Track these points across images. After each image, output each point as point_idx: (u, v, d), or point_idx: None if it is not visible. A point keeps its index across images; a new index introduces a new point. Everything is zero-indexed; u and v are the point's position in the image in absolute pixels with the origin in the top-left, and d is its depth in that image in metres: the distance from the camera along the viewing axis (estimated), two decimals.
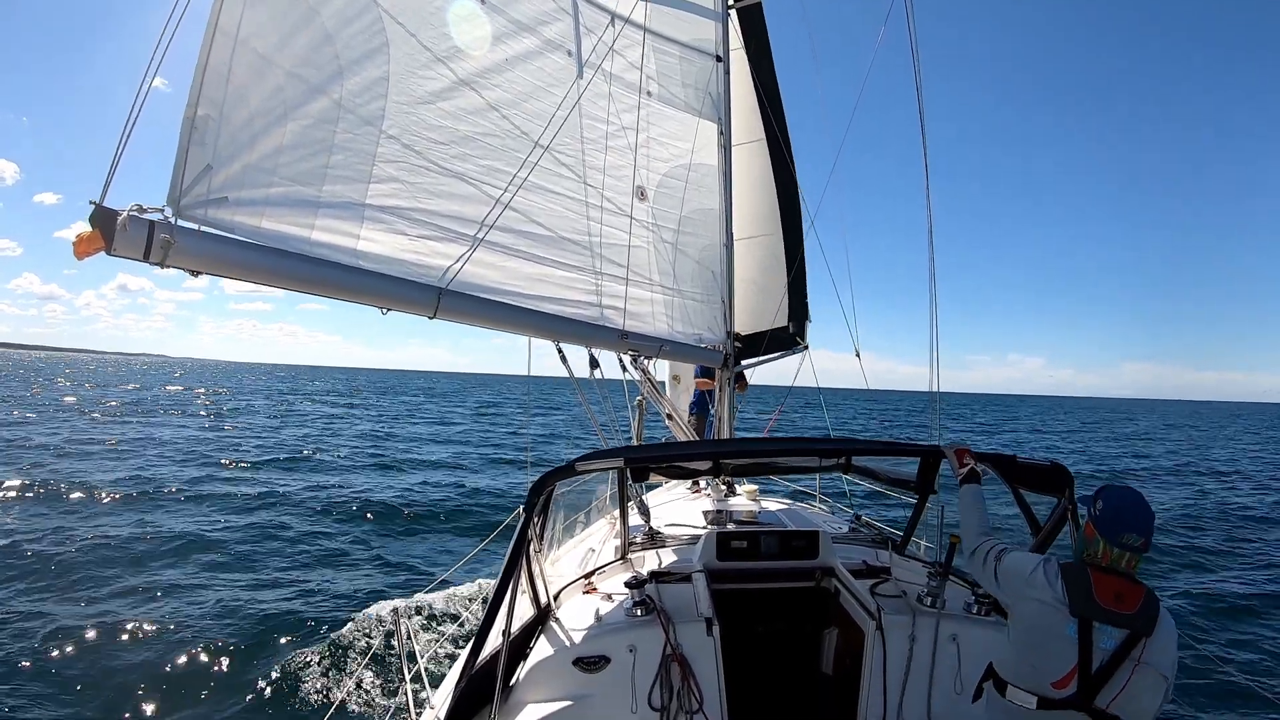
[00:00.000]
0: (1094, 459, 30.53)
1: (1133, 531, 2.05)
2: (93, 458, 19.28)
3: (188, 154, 2.75)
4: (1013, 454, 3.17)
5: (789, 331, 7.13)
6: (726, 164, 6.07)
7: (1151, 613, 2.01)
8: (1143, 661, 1.97)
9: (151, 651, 7.01)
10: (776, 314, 7.17)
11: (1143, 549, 2.06)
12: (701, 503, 5.61)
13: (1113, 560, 2.07)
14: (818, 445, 3.91)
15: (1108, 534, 2.06)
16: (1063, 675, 2.01)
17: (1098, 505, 2.14)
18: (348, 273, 3.38)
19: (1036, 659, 2.07)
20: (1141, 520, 2.06)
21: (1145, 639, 1.98)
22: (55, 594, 8.46)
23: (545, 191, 4.54)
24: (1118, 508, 2.09)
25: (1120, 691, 1.97)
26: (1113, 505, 2.10)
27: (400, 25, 3.68)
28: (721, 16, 5.98)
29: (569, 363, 4.85)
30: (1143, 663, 1.97)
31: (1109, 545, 2.07)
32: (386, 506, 14.37)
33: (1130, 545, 2.05)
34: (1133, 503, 2.10)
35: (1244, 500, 19.05)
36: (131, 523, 11.97)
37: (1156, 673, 1.98)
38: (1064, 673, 2.01)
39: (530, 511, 2.84)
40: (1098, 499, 2.16)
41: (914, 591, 3.44)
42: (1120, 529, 2.05)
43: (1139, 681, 1.97)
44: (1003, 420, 66.85)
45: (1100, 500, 2.14)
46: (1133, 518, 2.06)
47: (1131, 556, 2.06)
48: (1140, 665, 1.97)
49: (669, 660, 2.96)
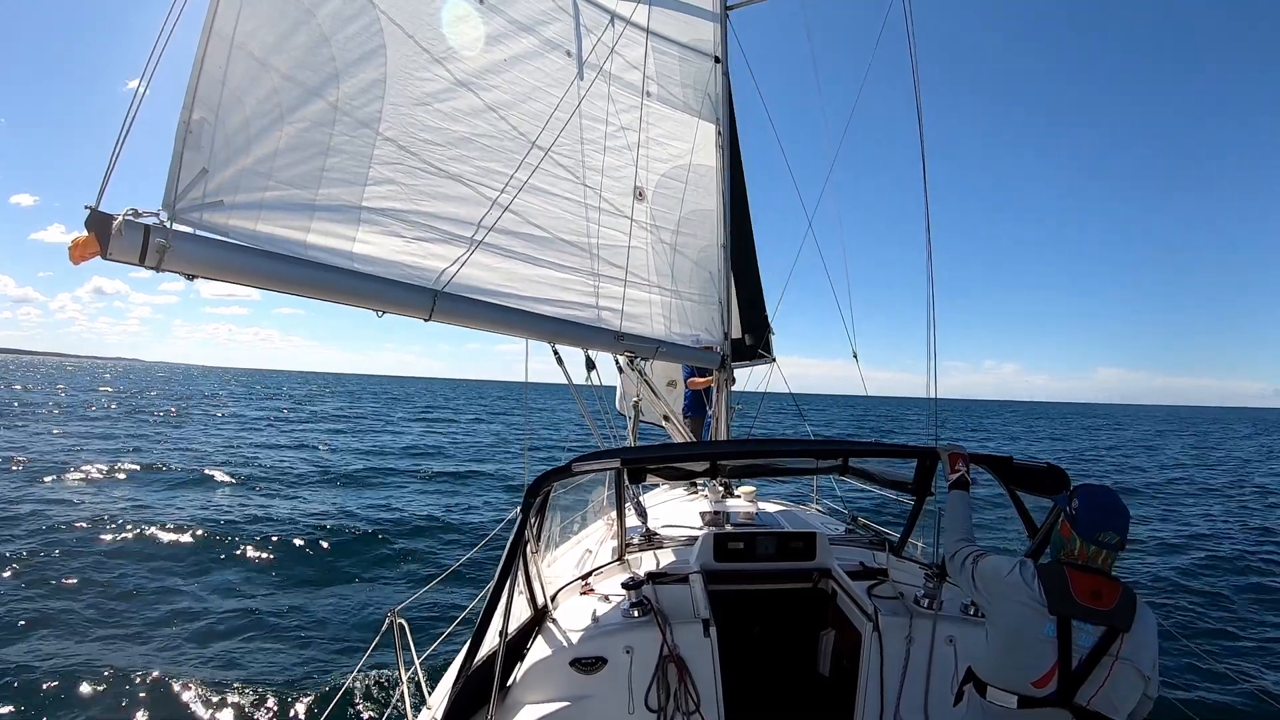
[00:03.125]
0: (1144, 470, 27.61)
1: (1110, 530, 2.08)
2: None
3: (183, 158, 2.75)
4: (1009, 455, 3.18)
5: (746, 344, 7.16)
6: (725, 165, 6.07)
7: (1129, 608, 2.04)
8: (1121, 657, 1.99)
9: (150, 652, 7.02)
10: (734, 325, 7.19)
11: (1119, 547, 2.09)
12: (699, 504, 5.61)
13: (1089, 558, 2.10)
14: (815, 447, 3.91)
15: (1085, 533, 2.10)
16: (1043, 674, 2.03)
17: (1074, 504, 2.18)
18: (343, 275, 3.38)
19: (1017, 659, 2.09)
20: (1118, 518, 2.10)
21: (1123, 634, 2.00)
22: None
23: (543, 193, 4.53)
24: (1094, 506, 2.13)
25: (1100, 688, 1.99)
26: (1089, 504, 2.14)
27: (398, 26, 3.68)
28: (720, 18, 5.99)
29: (565, 365, 4.85)
30: (1121, 658, 1.99)
31: (1085, 544, 2.10)
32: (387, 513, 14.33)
33: (1107, 543, 2.08)
34: (1109, 501, 2.14)
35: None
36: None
37: (1135, 668, 2.01)
38: (1044, 671, 2.03)
39: (527, 512, 2.84)
40: (1073, 498, 2.20)
41: (911, 593, 3.44)
42: (1097, 527, 2.09)
43: (1118, 677, 1.99)
44: (1021, 430, 60.41)
45: (1076, 499, 2.18)
46: (1109, 516, 2.10)
47: (1108, 554, 2.10)
48: (1119, 661, 1.99)
49: (666, 661, 2.96)
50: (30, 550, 10.04)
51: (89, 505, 13.47)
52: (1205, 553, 12.55)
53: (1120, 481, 22.98)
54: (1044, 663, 2.03)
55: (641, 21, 5.22)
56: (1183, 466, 29.94)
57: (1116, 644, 2.00)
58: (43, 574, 9.10)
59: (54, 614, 7.85)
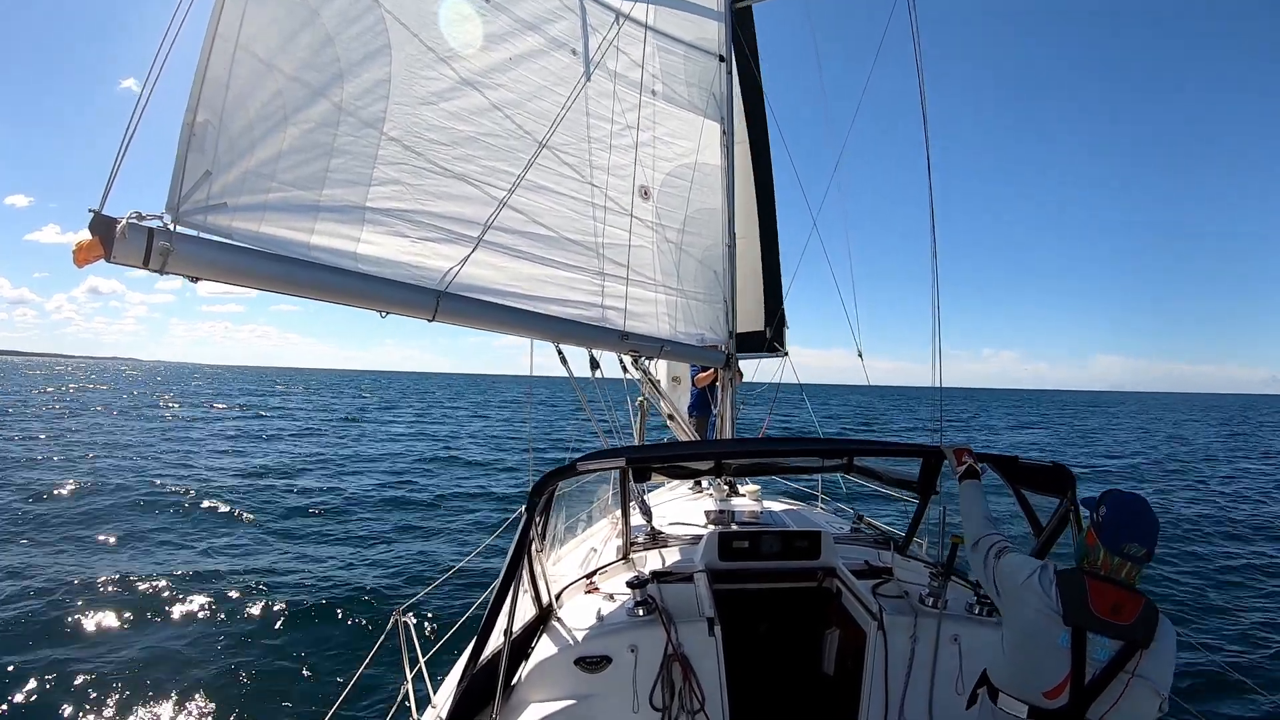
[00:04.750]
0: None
1: (1135, 541, 1.98)
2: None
3: (186, 160, 2.75)
4: (1014, 455, 3.16)
5: (766, 337, 7.16)
6: (729, 164, 6.05)
7: (1150, 625, 1.94)
8: (1137, 674, 1.91)
9: (151, 650, 7.07)
10: (756, 319, 7.20)
11: (1145, 559, 1.99)
12: (703, 503, 5.60)
13: (1112, 569, 2.01)
14: (820, 446, 3.90)
15: (1110, 542, 2.01)
16: (1054, 685, 1.97)
17: (1101, 511, 2.07)
18: (347, 277, 3.37)
19: (1028, 667, 2.04)
20: (1146, 529, 2.00)
21: (1142, 651, 1.91)
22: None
23: (548, 192, 4.53)
24: (1122, 515, 2.02)
25: (1114, 705, 1.91)
26: (1116, 512, 2.03)
27: (403, 25, 3.67)
28: (725, 17, 5.96)
29: (569, 363, 4.84)
30: (1138, 675, 1.91)
31: (1110, 554, 2.01)
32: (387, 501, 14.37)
33: (1132, 555, 1.99)
34: (1139, 511, 2.03)
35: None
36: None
37: (1152, 687, 1.92)
38: (1056, 683, 1.96)
39: (532, 511, 2.84)
40: (1101, 504, 2.09)
41: (916, 592, 3.43)
42: (1123, 538, 1.99)
43: (1134, 695, 1.91)
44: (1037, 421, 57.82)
45: (1104, 506, 2.08)
46: (1137, 526, 2.00)
47: (1133, 567, 2.00)
48: (1135, 678, 1.91)
49: (671, 660, 2.96)
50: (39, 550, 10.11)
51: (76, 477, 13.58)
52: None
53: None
54: (1056, 673, 1.96)
55: (646, 20, 5.21)
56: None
57: (1134, 660, 1.91)
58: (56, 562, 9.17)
59: (54, 616, 7.93)
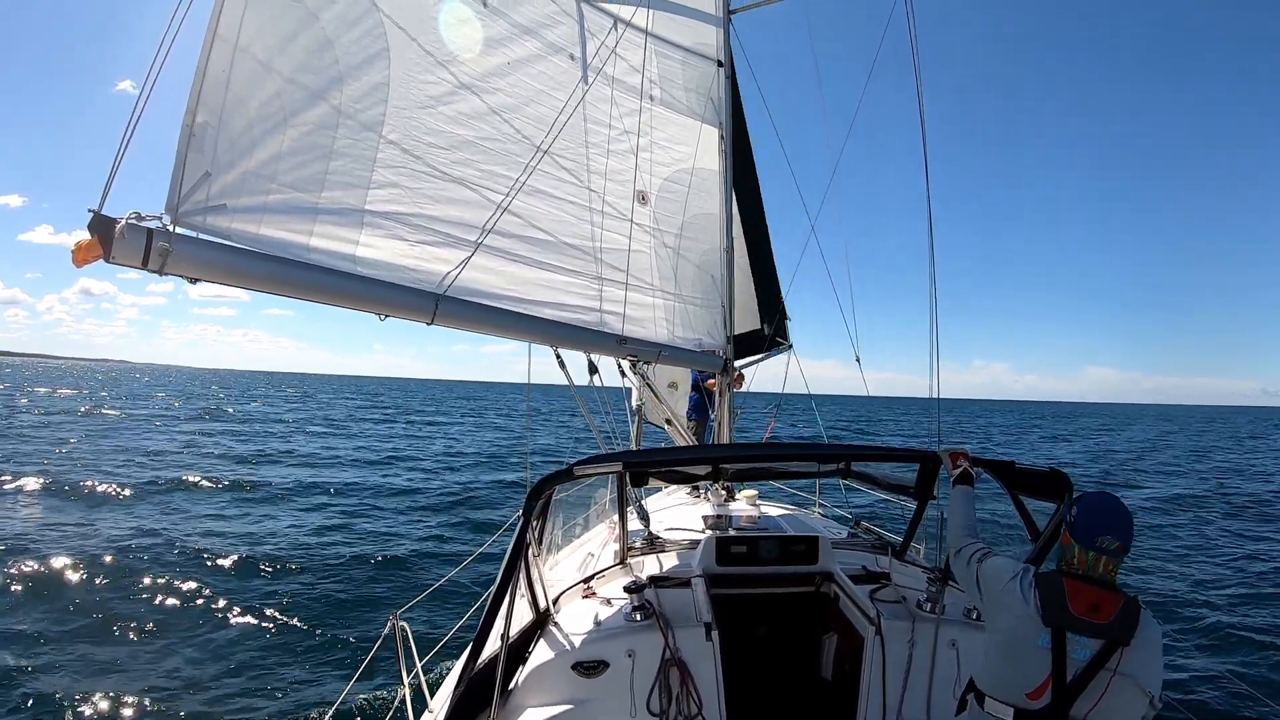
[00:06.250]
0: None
1: (1108, 534, 2.01)
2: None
3: (186, 161, 2.75)
4: (1011, 460, 3.16)
5: (764, 333, 7.14)
6: (727, 168, 6.08)
7: (1130, 622, 1.95)
8: (1119, 672, 1.92)
9: (148, 657, 7.03)
10: (751, 316, 7.18)
11: (1119, 552, 2.01)
12: (701, 507, 5.60)
13: (1089, 566, 2.03)
14: (817, 450, 3.90)
15: (1082, 538, 2.03)
16: (1036, 686, 1.98)
17: (1073, 511, 2.11)
18: (345, 279, 3.37)
19: (1011, 669, 2.05)
20: (1115, 522, 2.02)
21: (1122, 649, 1.92)
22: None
23: (546, 196, 4.54)
24: (1092, 512, 2.06)
25: (1096, 704, 1.92)
26: (1087, 510, 2.07)
27: (401, 29, 3.68)
28: (723, 22, 5.99)
29: (567, 368, 4.84)
30: (1119, 673, 1.92)
31: (1084, 550, 2.03)
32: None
33: (1105, 548, 2.01)
34: (1109, 505, 2.07)
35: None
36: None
37: (1135, 685, 1.92)
38: (1037, 684, 1.98)
39: (529, 515, 2.83)
40: (1073, 505, 2.13)
41: (913, 597, 3.43)
42: (1095, 531, 2.02)
43: (1117, 693, 1.92)
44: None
45: (1075, 506, 2.12)
46: (1107, 520, 2.03)
47: (1109, 561, 2.02)
48: (1117, 676, 1.92)
49: (668, 665, 2.96)
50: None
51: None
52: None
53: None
54: (1038, 674, 1.98)
55: (645, 25, 5.23)
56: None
57: (1115, 658, 1.92)
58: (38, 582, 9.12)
59: (54, 616, 7.87)
